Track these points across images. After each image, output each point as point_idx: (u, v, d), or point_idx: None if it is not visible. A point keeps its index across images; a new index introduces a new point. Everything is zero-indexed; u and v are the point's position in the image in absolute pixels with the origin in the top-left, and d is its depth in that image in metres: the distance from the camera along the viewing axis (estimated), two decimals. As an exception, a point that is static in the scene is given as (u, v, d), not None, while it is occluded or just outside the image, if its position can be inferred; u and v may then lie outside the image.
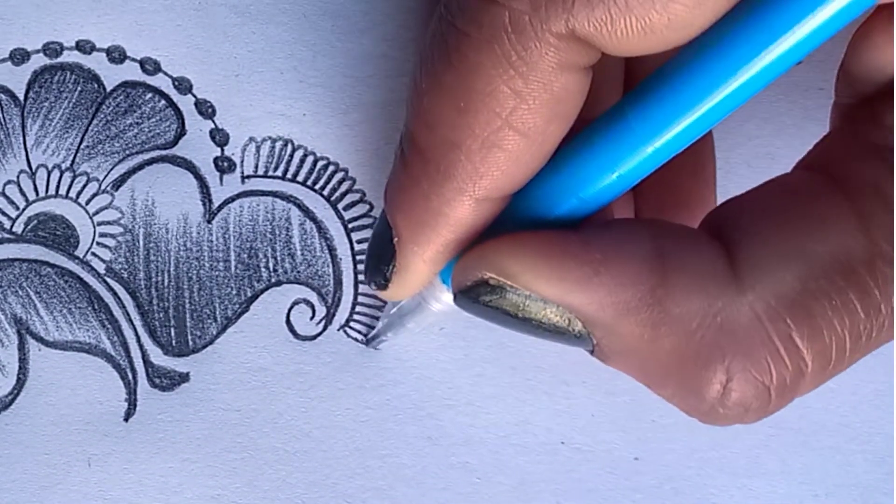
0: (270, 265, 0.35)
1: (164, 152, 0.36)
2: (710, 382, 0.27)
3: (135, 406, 0.34)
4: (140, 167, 0.35)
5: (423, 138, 0.28)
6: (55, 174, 0.35)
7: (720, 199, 0.36)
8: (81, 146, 0.35)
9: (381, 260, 0.31)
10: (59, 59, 0.36)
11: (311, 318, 0.35)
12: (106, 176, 0.35)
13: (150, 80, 0.36)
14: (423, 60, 0.28)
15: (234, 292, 0.35)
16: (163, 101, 0.36)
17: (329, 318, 0.35)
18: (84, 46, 0.36)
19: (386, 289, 0.31)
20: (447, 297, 0.31)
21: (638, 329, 0.27)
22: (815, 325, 0.27)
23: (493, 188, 0.28)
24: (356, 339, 0.35)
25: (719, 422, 0.29)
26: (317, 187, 0.36)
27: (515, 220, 0.29)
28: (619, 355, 0.28)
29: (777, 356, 0.27)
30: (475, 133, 0.27)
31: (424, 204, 0.29)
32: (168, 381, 0.35)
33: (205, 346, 0.35)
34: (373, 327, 0.35)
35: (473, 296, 0.28)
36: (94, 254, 0.35)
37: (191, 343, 0.35)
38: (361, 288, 0.35)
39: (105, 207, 0.35)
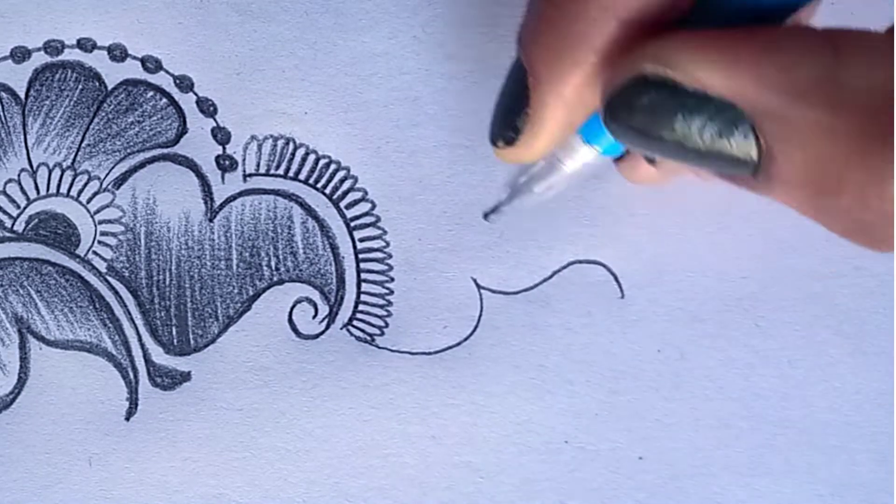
0: (272, 264, 0.35)
1: (165, 151, 0.35)
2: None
3: (136, 405, 0.34)
4: (141, 166, 0.35)
5: None
6: (56, 173, 0.35)
7: (720, 186, 0.36)
8: (82, 144, 0.35)
9: (511, 110, 0.28)
10: (61, 58, 0.36)
11: (314, 316, 0.35)
12: (107, 174, 0.35)
13: (152, 79, 0.36)
14: None
15: (235, 291, 0.35)
16: (164, 100, 0.36)
17: (332, 316, 0.35)
18: (85, 44, 0.36)
19: (515, 143, 0.28)
20: (584, 151, 0.29)
21: (814, 111, 0.24)
22: None
23: (633, 5, 0.26)
24: (359, 338, 0.35)
25: None
26: (319, 186, 0.36)
27: None
28: (789, 159, 0.25)
29: None
30: None
31: (565, 32, 0.26)
32: (169, 380, 0.35)
33: (206, 345, 0.35)
34: (376, 326, 0.35)
35: (629, 99, 0.25)
36: (95, 252, 0.35)
37: (192, 342, 0.35)
38: (364, 286, 0.35)
39: (106, 206, 0.35)
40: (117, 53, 0.36)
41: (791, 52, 0.24)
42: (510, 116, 0.28)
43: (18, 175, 0.35)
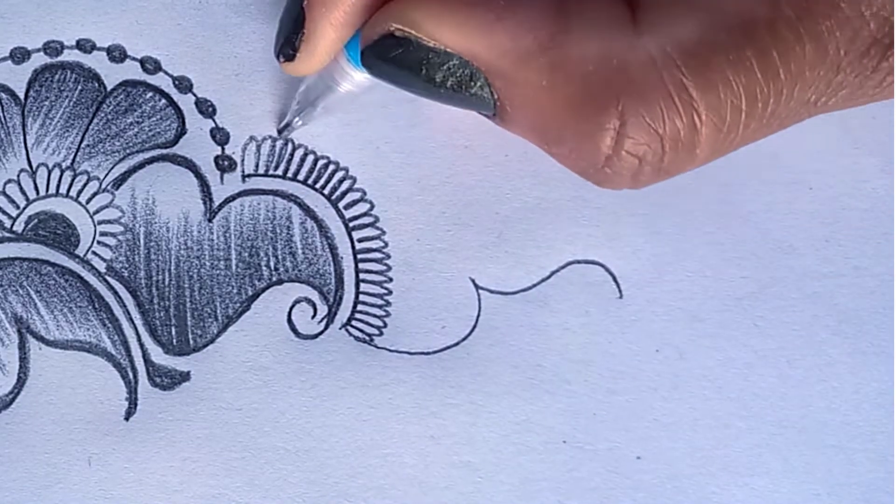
0: (271, 264, 0.35)
1: (164, 151, 0.36)
2: (604, 128, 0.28)
3: (135, 405, 0.34)
4: (140, 166, 0.35)
5: None
6: (56, 173, 0.35)
7: (719, 186, 0.36)
8: (82, 145, 0.35)
9: (291, 29, 0.32)
10: (60, 58, 0.36)
11: (313, 316, 0.35)
12: (106, 175, 0.35)
13: (151, 79, 0.36)
14: None
15: (234, 291, 0.35)
16: (163, 100, 0.36)
17: (331, 316, 0.35)
18: (84, 45, 0.36)
19: (293, 59, 0.32)
20: (355, 76, 0.32)
21: (537, 75, 0.28)
22: (710, 76, 0.27)
23: None
24: (358, 338, 0.35)
25: (616, 180, 0.29)
26: (317, 186, 0.36)
27: None
28: (518, 112, 0.29)
29: (670, 103, 0.27)
30: None
31: None
32: (169, 380, 0.35)
33: (206, 345, 0.35)
34: (374, 326, 0.35)
35: (380, 51, 0.29)
36: (94, 253, 0.35)
37: (191, 342, 0.35)
38: (363, 286, 0.35)
39: (105, 206, 0.35)
40: (116, 54, 0.36)
41: (520, 18, 0.28)
42: (289, 35, 0.32)
43: (18, 175, 0.35)
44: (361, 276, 0.35)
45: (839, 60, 0.28)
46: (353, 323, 0.35)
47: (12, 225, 0.35)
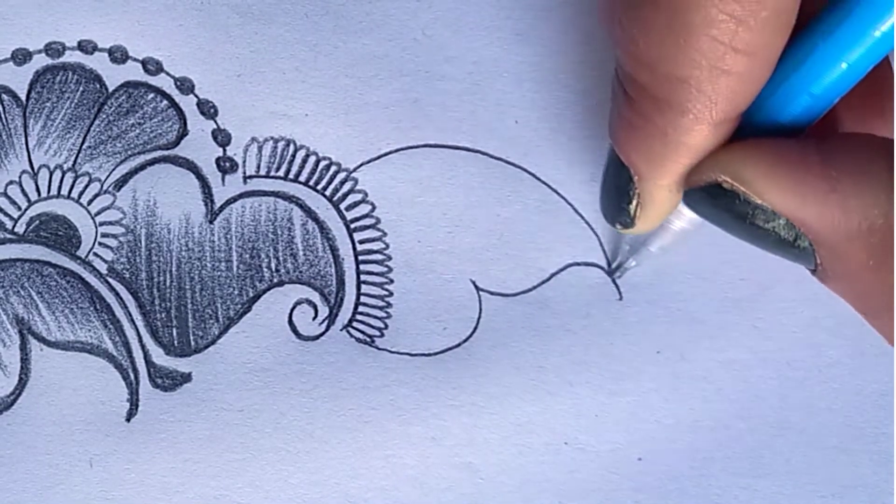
0: (272, 265, 0.35)
1: (166, 152, 0.36)
2: None
3: (137, 406, 0.34)
4: (142, 167, 0.35)
5: (646, 78, 0.28)
6: (57, 174, 0.35)
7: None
8: (83, 146, 0.35)
9: (621, 200, 0.31)
10: (62, 59, 0.36)
11: (314, 318, 0.35)
12: (108, 176, 0.35)
13: (153, 81, 0.36)
14: (625, 4, 0.28)
15: (236, 292, 0.35)
16: (165, 102, 0.36)
17: (332, 318, 0.35)
18: (86, 46, 0.36)
19: (633, 226, 0.32)
20: (689, 214, 0.32)
21: (865, 254, 0.27)
22: None
23: (727, 110, 0.28)
24: (359, 340, 0.35)
25: None
26: (319, 187, 0.36)
27: (748, 128, 0.29)
28: (841, 279, 0.28)
29: None
30: (701, 64, 0.27)
31: (662, 138, 0.29)
32: (170, 382, 0.35)
33: (207, 347, 0.35)
34: (376, 327, 0.35)
35: (705, 197, 0.29)
36: (95, 254, 0.35)
37: (193, 343, 0.35)
38: (364, 288, 0.35)
39: (107, 208, 0.35)
40: (118, 55, 0.36)
41: (853, 194, 0.27)
42: (621, 205, 0.31)
43: (19, 177, 0.35)
44: (363, 277, 0.35)
45: None
46: (355, 324, 0.35)
47: (14, 226, 0.35)
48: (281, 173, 0.36)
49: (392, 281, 0.35)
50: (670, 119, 0.28)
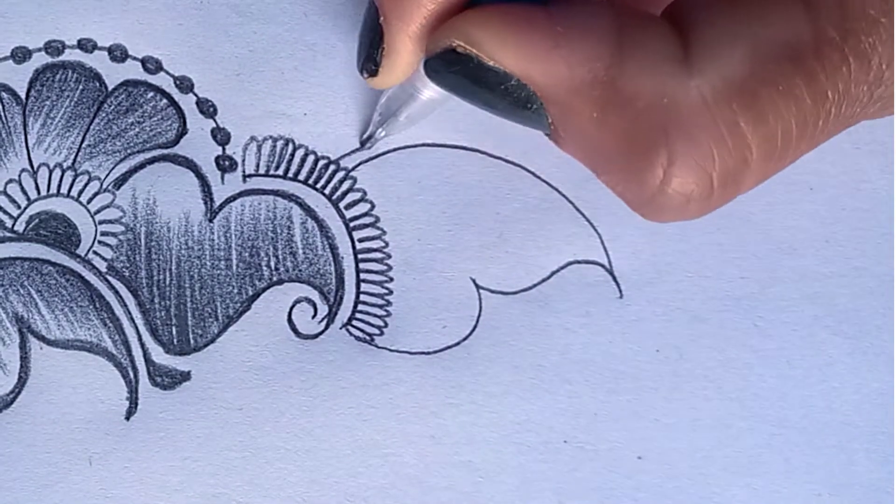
0: (272, 264, 0.35)
1: (165, 151, 0.36)
2: (653, 165, 0.28)
3: (136, 404, 0.34)
4: (141, 166, 0.35)
5: None
6: (57, 173, 0.35)
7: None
8: (83, 145, 0.35)
9: (370, 45, 0.32)
10: (61, 58, 0.36)
11: (313, 316, 0.35)
12: (107, 175, 0.35)
13: (152, 79, 0.36)
14: None
15: (235, 291, 0.35)
16: (164, 100, 0.36)
17: (331, 316, 0.35)
18: (86, 45, 0.36)
19: (377, 74, 0.32)
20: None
21: (589, 107, 0.28)
22: (761, 109, 0.27)
23: None
24: (358, 338, 0.35)
25: (662, 214, 0.29)
26: (318, 186, 0.36)
27: None
28: (571, 137, 0.29)
29: (721, 141, 0.28)
30: None
31: None
32: (169, 380, 0.35)
33: (206, 345, 0.35)
34: (375, 326, 0.35)
35: (442, 65, 0.30)
36: (95, 252, 0.35)
37: (192, 341, 0.35)
38: (363, 286, 0.35)
39: (106, 206, 0.35)
40: (118, 54, 0.36)
41: (577, 48, 0.28)
42: (369, 51, 0.32)
43: (19, 175, 0.35)
44: (362, 275, 0.35)
45: (881, 73, 0.28)
46: (354, 323, 0.35)
47: (13, 225, 0.35)
48: (280, 172, 0.36)
49: (391, 279, 0.35)
50: None
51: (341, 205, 0.36)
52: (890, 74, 0.28)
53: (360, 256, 0.35)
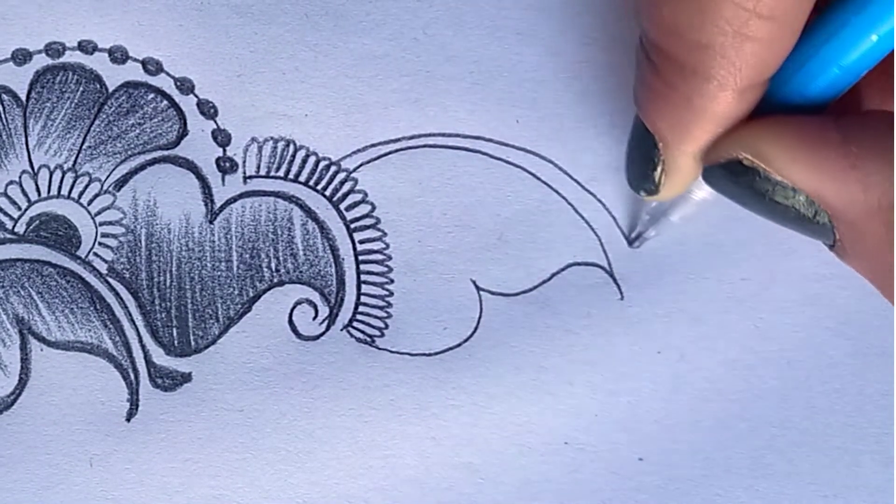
0: (273, 265, 0.35)
1: (166, 152, 0.36)
2: None
3: (137, 406, 0.34)
4: (142, 167, 0.35)
5: (670, 45, 0.28)
6: (57, 174, 0.35)
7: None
8: (83, 146, 0.35)
9: (646, 168, 0.31)
10: (62, 60, 0.36)
11: (314, 318, 0.35)
12: (108, 176, 0.35)
13: (153, 81, 0.36)
14: None
15: (236, 292, 0.35)
16: (165, 102, 0.36)
17: (332, 318, 0.35)
18: (86, 46, 0.36)
19: (657, 193, 0.31)
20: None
21: (885, 230, 0.27)
22: None
23: (752, 76, 0.28)
24: (359, 340, 0.35)
25: None
26: (319, 188, 0.36)
27: (773, 103, 0.29)
28: (857, 256, 0.28)
29: None
30: (725, 30, 0.27)
31: (687, 105, 0.29)
32: (170, 381, 0.35)
33: (207, 346, 0.35)
34: (376, 327, 0.35)
35: (725, 173, 0.29)
36: (96, 254, 0.35)
37: (193, 343, 0.35)
38: (364, 288, 0.35)
39: (107, 208, 0.35)
40: (118, 56, 0.36)
41: (872, 171, 0.27)
42: (646, 171, 0.31)
43: (19, 177, 0.35)
44: (363, 277, 0.35)
45: None
46: (355, 324, 0.35)
47: (14, 226, 0.35)
48: (281, 173, 0.36)
49: (392, 281, 0.35)
50: (695, 86, 0.28)
51: (342, 206, 0.36)
52: None
53: (360, 258, 0.35)
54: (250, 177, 0.36)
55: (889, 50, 0.28)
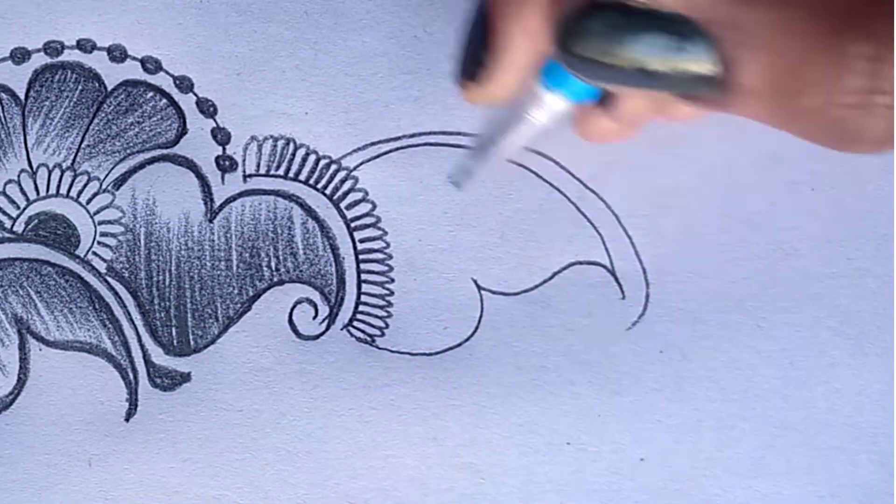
0: (272, 264, 0.35)
1: (165, 151, 0.35)
2: (853, 59, 0.24)
3: (136, 406, 0.34)
4: (141, 166, 0.35)
5: None
6: (56, 173, 0.35)
7: (721, 187, 0.36)
8: (82, 145, 0.35)
9: (476, 46, 0.29)
10: (60, 58, 0.36)
11: (314, 317, 0.35)
12: (107, 175, 0.35)
13: (151, 79, 0.36)
14: None
15: (235, 291, 0.35)
16: (164, 100, 0.36)
17: (332, 317, 0.35)
18: (85, 45, 0.36)
19: (481, 78, 0.29)
20: (548, 99, 0.30)
21: (768, 13, 0.24)
22: None
23: None
24: (359, 339, 0.35)
25: (867, 134, 0.24)
26: (319, 186, 0.36)
27: None
28: (749, 66, 0.25)
29: None
30: None
31: None
32: (169, 381, 0.35)
33: (206, 346, 0.35)
34: (376, 327, 0.35)
35: (580, 28, 0.26)
36: (94, 253, 0.35)
37: (192, 343, 0.35)
38: (364, 287, 0.35)
39: (106, 207, 0.35)
40: (117, 54, 0.36)
41: None
42: (476, 52, 0.29)
43: (18, 176, 0.35)
44: (363, 276, 0.35)
45: None
46: (355, 324, 0.35)
47: (12, 225, 0.35)
48: (281, 172, 0.36)
49: (393, 280, 0.35)
50: None
51: (342, 205, 0.36)
52: None
53: (361, 257, 0.35)
54: (250, 175, 0.36)
55: None
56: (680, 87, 0.26)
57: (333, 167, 0.36)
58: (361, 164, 0.36)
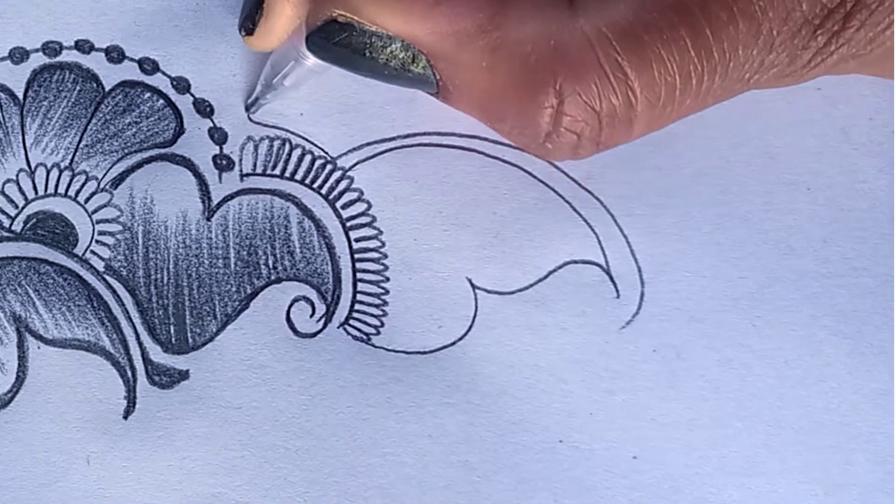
0: (270, 262, 0.35)
1: (162, 150, 0.36)
2: (543, 106, 0.29)
3: (134, 404, 0.35)
4: (139, 165, 0.35)
5: None
6: (54, 173, 0.35)
7: (717, 186, 0.36)
8: (80, 145, 0.35)
9: (252, 6, 0.33)
10: (59, 59, 0.36)
11: (311, 315, 0.35)
12: (105, 174, 0.35)
13: (149, 80, 0.36)
14: None
15: (233, 289, 0.35)
16: (161, 101, 0.36)
17: (329, 315, 0.35)
18: (83, 46, 0.36)
19: (253, 33, 0.33)
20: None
21: (477, 56, 0.29)
22: (644, 54, 0.29)
23: None
24: (356, 337, 0.35)
25: (556, 153, 0.31)
26: (315, 186, 0.36)
27: None
28: (461, 91, 0.30)
29: (606, 81, 0.29)
30: None
31: None
32: (167, 379, 0.35)
33: (204, 344, 0.35)
34: (372, 325, 0.35)
35: (324, 37, 0.30)
36: (93, 252, 0.35)
37: (190, 340, 0.35)
38: (360, 286, 0.35)
39: (104, 206, 0.35)
40: (115, 55, 0.36)
41: (459, 1, 0.29)
42: (250, 11, 0.33)
43: (17, 175, 0.35)
44: (359, 275, 0.35)
45: (772, 40, 0.29)
46: (351, 322, 0.35)
47: (11, 224, 0.35)
48: (277, 171, 0.36)
49: (388, 279, 0.35)
50: None
51: (338, 204, 0.36)
52: (780, 42, 0.29)
53: (356, 256, 0.35)
54: (247, 174, 0.36)
55: None
56: (406, 86, 0.31)
57: (329, 167, 0.36)
58: (357, 164, 0.36)
